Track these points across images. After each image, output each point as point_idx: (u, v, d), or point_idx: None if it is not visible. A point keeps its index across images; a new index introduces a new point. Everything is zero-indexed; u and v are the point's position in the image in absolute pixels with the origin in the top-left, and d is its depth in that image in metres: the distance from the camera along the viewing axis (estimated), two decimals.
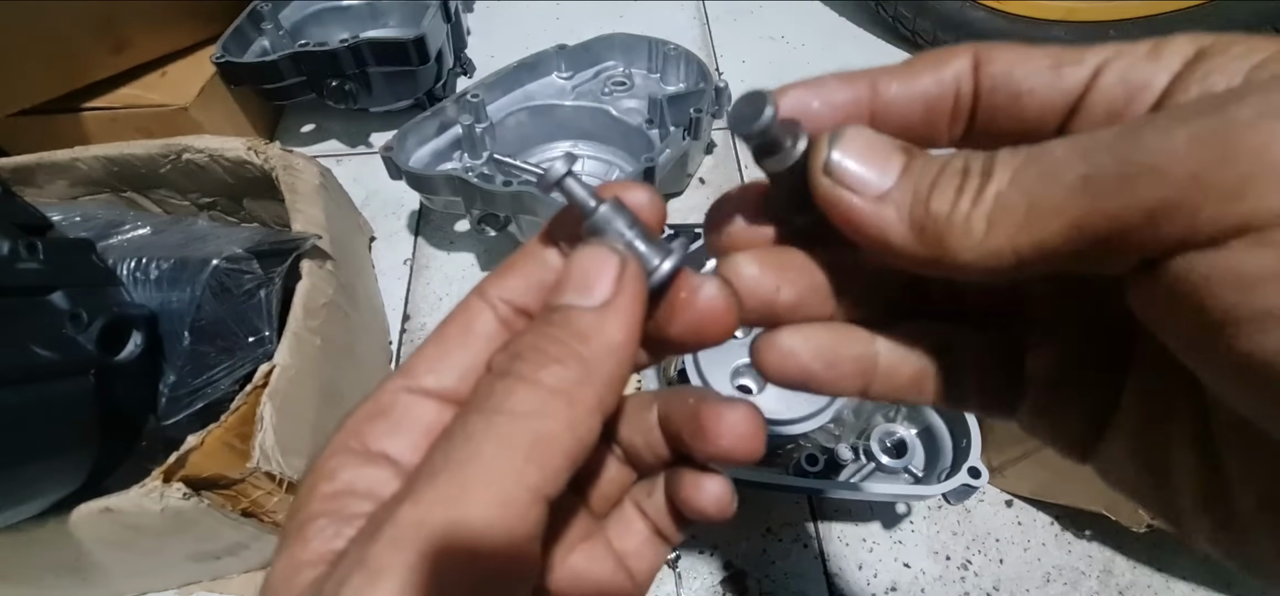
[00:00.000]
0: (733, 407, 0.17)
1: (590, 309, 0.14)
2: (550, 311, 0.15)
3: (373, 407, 0.16)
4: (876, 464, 0.47)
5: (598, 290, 0.14)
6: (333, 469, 0.15)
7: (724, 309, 0.16)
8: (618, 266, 0.15)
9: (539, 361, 0.14)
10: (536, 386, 0.13)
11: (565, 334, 0.14)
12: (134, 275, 0.47)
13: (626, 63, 0.79)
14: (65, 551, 0.43)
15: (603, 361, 0.14)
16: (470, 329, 0.16)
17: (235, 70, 0.75)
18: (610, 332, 0.14)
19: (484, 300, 0.17)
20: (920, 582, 0.51)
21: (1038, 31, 0.81)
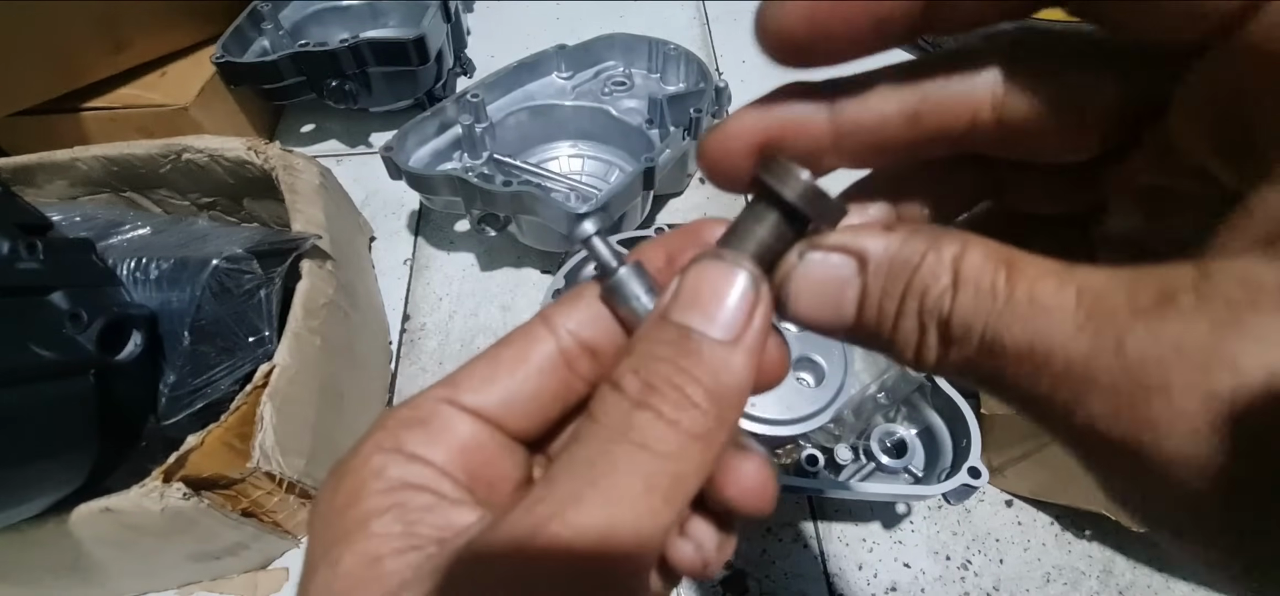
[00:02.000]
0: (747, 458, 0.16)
1: (721, 343, 0.14)
2: (679, 334, 0.14)
3: (412, 414, 0.15)
4: (876, 464, 0.47)
5: (728, 320, 0.14)
6: (379, 466, 0.15)
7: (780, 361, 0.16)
8: (751, 295, 0.14)
9: (678, 402, 0.13)
10: (676, 428, 0.13)
11: (700, 371, 0.14)
12: (134, 275, 0.47)
13: (626, 63, 0.79)
14: (65, 551, 0.43)
15: (732, 404, 0.14)
16: (527, 357, 0.16)
17: (235, 70, 0.75)
18: (740, 374, 0.14)
19: (548, 327, 0.16)
20: (920, 582, 0.51)
21: None
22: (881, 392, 0.48)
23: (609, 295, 0.16)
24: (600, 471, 0.13)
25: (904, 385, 0.48)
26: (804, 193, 0.15)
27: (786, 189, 0.15)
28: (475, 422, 0.15)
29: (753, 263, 0.15)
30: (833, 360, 0.49)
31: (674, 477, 0.13)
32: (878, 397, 0.48)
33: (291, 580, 0.52)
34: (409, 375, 0.64)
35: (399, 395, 0.62)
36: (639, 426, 0.13)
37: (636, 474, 0.13)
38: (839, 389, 0.48)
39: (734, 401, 0.14)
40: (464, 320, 0.68)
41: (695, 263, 0.15)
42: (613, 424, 0.14)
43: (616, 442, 0.13)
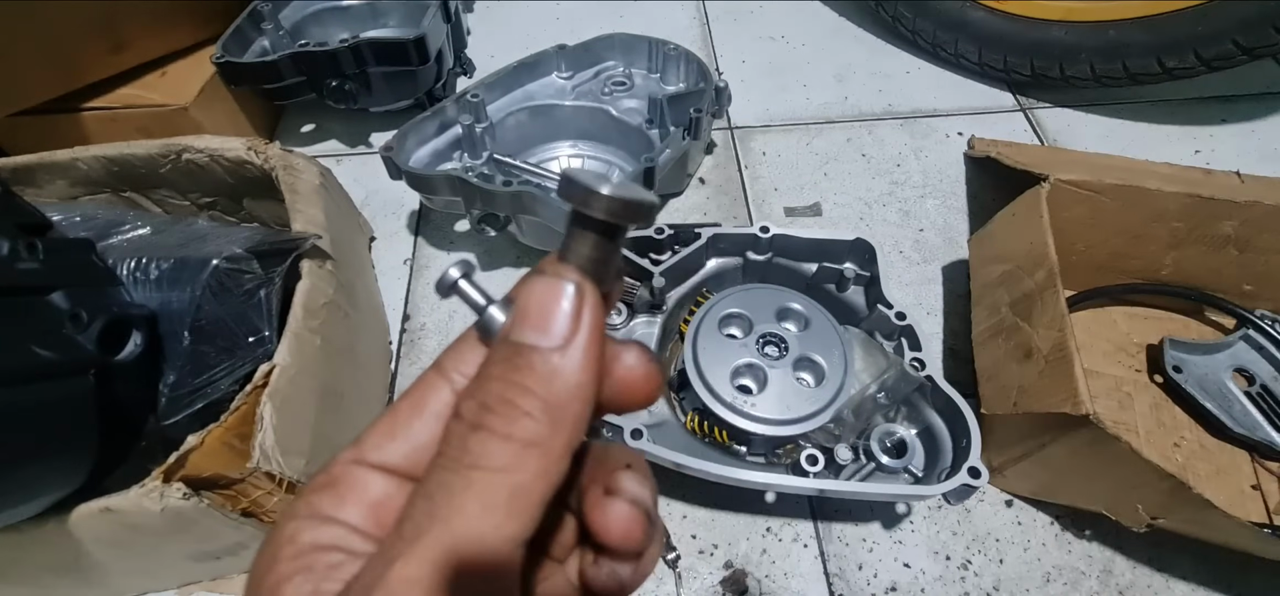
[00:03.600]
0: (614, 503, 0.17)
1: (551, 349, 0.14)
2: (511, 351, 0.15)
3: (324, 479, 0.16)
4: (876, 464, 0.47)
5: (555, 328, 0.15)
6: (292, 532, 0.15)
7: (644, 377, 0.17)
8: (574, 300, 0.15)
9: (509, 416, 0.14)
10: (509, 441, 0.14)
11: (530, 380, 0.14)
12: (134, 275, 0.47)
13: (626, 63, 0.79)
14: (65, 551, 0.43)
15: (568, 405, 0.14)
16: (424, 406, 0.17)
17: (235, 70, 0.75)
18: (573, 375, 0.14)
19: (441, 375, 0.17)
20: (920, 582, 0.51)
21: (1038, 31, 0.81)
22: (881, 392, 0.48)
23: (483, 333, 0.16)
24: (438, 501, 0.14)
25: (904, 385, 0.48)
26: (603, 206, 0.15)
27: (588, 208, 0.15)
28: (384, 477, 0.16)
29: (576, 272, 0.15)
30: (833, 360, 0.49)
31: (511, 489, 0.14)
32: (878, 397, 0.48)
33: None
34: (409, 375, 0.64)
35: (399, 395, 0.62)
36: (472, 449, 0.14)
37: (471, 493, 0.14)
38: (839, 389, 0.48)
39: (569, 402, 0.14)
40: (464, 320, 0.68)
41: (523, 281, 0.15)
42: (450, 452, 0.14)
43: (452, 469, 0.14)
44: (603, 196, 0.15)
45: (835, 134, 0.84)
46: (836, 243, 0.56)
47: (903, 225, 0.74)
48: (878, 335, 0.54)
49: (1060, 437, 0.45)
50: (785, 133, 0.85)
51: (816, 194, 0.77)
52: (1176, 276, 0.62)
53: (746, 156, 0.82)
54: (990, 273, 0.59)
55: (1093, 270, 0.63)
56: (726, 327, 0.51)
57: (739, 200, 0.77)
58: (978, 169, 0.77)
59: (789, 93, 0.90)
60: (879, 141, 0.83)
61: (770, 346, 0.50)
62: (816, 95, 0.89)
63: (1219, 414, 0.56)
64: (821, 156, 0.81)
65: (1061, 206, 0.57)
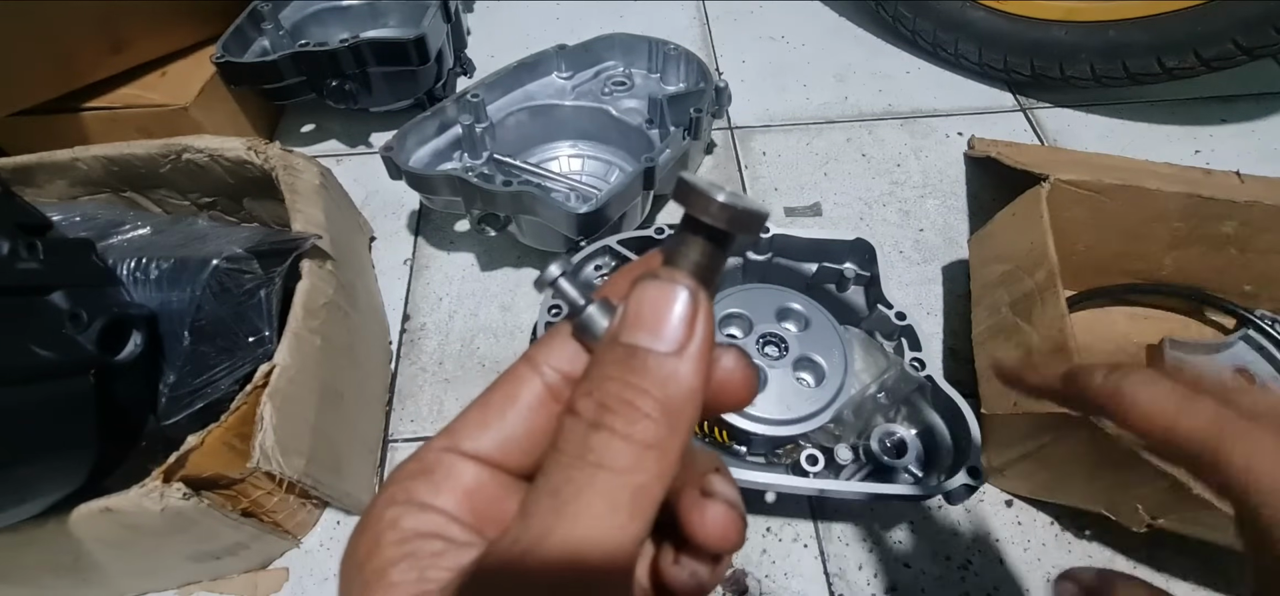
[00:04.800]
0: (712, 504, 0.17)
1: (667, 354, 0.15)
2: (627, 354, 0.15)
3: (417, 467, 0.16)
4: (876, 464, 0.47)
5: (669, 332, 0.15)
6: (393, 517, 0.15)
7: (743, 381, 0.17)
8: (689, 306, 0.15)
9: (629, 417, 0.14)
10: (629, 441, 0.14)
11: (648, 383, 0.15)
12: (134, 275, 0.47)
13: (626, 63, 0.79)
14: (65, 551, 0.43)
15: (683, 410, 0.15)
16: (516, 397, 0.17)
17: (235, 70, 0.75)
18: (688, 380, 0.15)
19: (532, 367, 0.17)
20: (920, 582, 0.51)
21: (1038, 31, 0.81)
22: (881, 392, 0.48)
23: (580, 332, 0.17)
24: (565, 498, 0.14)
25: (904, 385, 0.48)
26: (721, 214, 0.15)
27: (706, 214, 0.16)
28: (476, 466, 0.16)
29: (690, 278, 0.16)
30: (833, 360, 0.49)
31: (634, 490, 0.14)
32: (878, 397, 0.48)
33: (291, 580, 0.52)
34: (409, 375, 0.64)
35: (399, 395, 0.62)
36: (595, 447, 0.14)
37: (598, 493, 0.14)
38: (839, 389, 0.48)
39: (684, 407, 0.15)
40: (464, 320, 0.68)
41: (637, 285, 0.16)
42: (572, 449, 0.15)
43: (576, 466, 0.14)
44: (720, 204, 0.15)
45: (835, 134, 0.84)
46: (836, 243, 0.56)
47: (903, 225, 0.74)
48: (878, 335, 0.54)
49: (1060, 437, 0.45)
50: (785, 133, 0.85)
51: (816, 194, 0.77)
52: (1176, 276, 0.62)
53: (746, 156, 0.82)
54: (990, 273, 0.59)
55: (1093, 270, 0.63)
56: (726, 327, 0.51)
57: None
58: (978, 169, 0.77)
59: (789, 93, 0.90)
60: (879, 141, 0.83)
61: (770, 346, 0.50)
62: (816, 95, 0.89)
63: None
64: (821, 156, 0.81)
65: (1061, 206, 0.57)
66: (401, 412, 0.61)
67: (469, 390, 0.62)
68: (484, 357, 0.65)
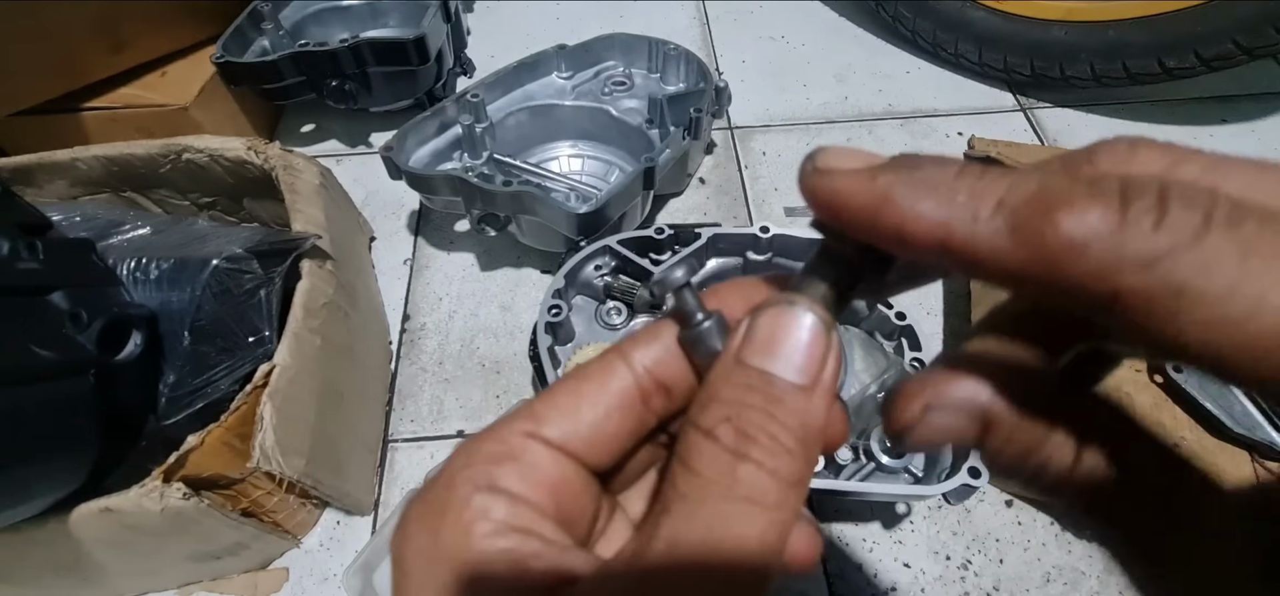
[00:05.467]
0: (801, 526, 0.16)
1: (801, 388, 0.14)
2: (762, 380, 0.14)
3: (500, 448, 0.15)
4: (876, 464, 0.47)
5: (803, 364, 0.14)
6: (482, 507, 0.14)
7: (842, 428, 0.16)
8: (823, 340, 0.15)
9: (773, 451, 0.14)
10: (776, 478, 0.14)
11: (786, 417, 0.14)
12: (134, 275, 0.47)
13: (626, 63, 0.79)
14: (65, 551, 0.43)
15: (816, 446, 0.14)
16: (607, 387, 0.16)
17: (235, 70, 0.75)
18: (820, 416, 0.14)
19: (625, 362, 0.16)
20: (920, 582, 0.51)
21: (1038, 31, 0.81)
22: (881, 392, 0.48)
23: (692, 344, 0.16)
24: (719, 534, 0.13)
25: None
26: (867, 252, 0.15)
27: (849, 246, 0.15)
28: (561, 457, 0.15)
29: (824, 308, 0.15)
30: None
31: (781, 527, 0.14)
32: (878, 397, 0.48)
33: (291, 580, 0.52)
34: (409, 375, 0.64)
35: (399, 395, 0.62)
36: (745, 481, 0.14)
37: (752, 529, 0.13)
38: (839, 389, 0.48)
39: (816, 444, 0.14)
40: (464, 320, 0.68)
41: (767, 307, 0.15)
42: (718, 478, 0.14)
43: (729, 500, 0.14)
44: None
45: (835, 134, 0.84)
46: None
47: None
48: (878, 335, 0.54)
49: None
50: (785, 133, 0.85)
51: None
52: None
53: (746, 156, 0.82)
54: None
55: None
56: None
57: (739, 200, 0.77)
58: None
59: (789, 93, 0.90)
60: (879, 141, 0.83)
61: None
62: (816, 95, 0.89)
63: (1219, 414, 0.56)
64: None
65: None
66: (401, 412, 0.61)
67: (469, 390, 0.62)
68: (484, 357, 0.65)
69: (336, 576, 0.52)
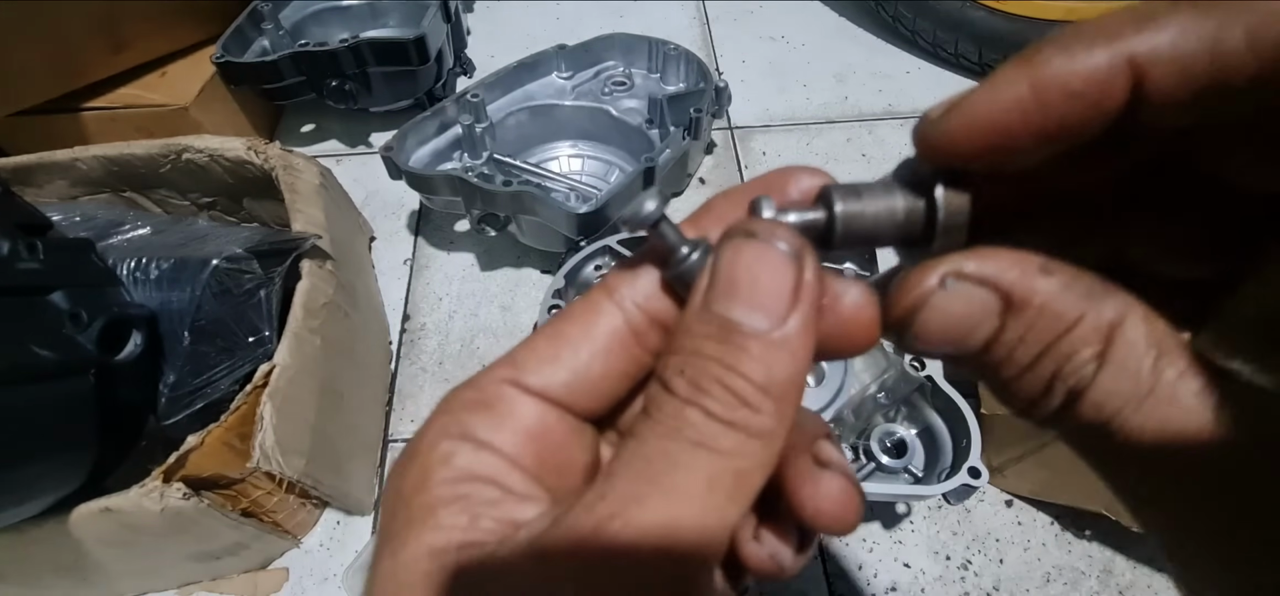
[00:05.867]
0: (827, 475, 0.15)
1: (768, 332, 0.13)
2: (720, 330, 0.13)
3: (476, 396, 0.15)
4: (876, 464, 0.47)
5: (769, 304, 0.13)
6: (445, 453, 0.14)
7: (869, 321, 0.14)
8: (792, 275, 0.13)
9: (729, 402, 0.13)
10: (732, 427, 0.13)
11: (747, 366, 0.13)
12: (134, 275, 0.47)
13: (626, 63, 0.79)
14: (65, 551, 0.43)
15: (789, 391, 0.13)
16: (592, 332, 0.15)
17: (235, 70, 0.75)
18: (791, 360, 0.13)
19: (612, 300, 0.15)
20: (920, 582, 0.51)
21: (1038, 32, 0.81)
22: (881, 392, 0.48)
23: (677, 283, 0.15)
24: (660, 469, 0.13)
25: (904, 385, 0.48)
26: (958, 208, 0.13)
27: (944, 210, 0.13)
28: (541, 405, 0.15)
29: (792, 234, 0.13)
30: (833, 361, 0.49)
31: (736, 474, 0.13)
32: (878, 397, 0.48)
33: (291, 580, 0.52)
34: (409, 375, 0.64)
35: (399, 395, 0.62)
36: (695, 423, 0.13)
37: (698, 471, 0.13)
38: (839, 389, 0.48)
39: (789, 389, 0.13)
40: (464, 320, 0.68)
41: (727, 240, 0.14)
42: (668, 421, 0.13)
43: (674, 439, 0.13)
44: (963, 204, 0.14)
45: (835, 134, 0.84)
46: None
47: None
48: None
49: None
50: (785, 133, 0.85)
51: None
52: None
53: (746, 156, 0.82)
54: None
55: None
56: None
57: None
58: None
59: (789, 93, 0.90)
60: (879, 141, 0.83)
61: None
62: (816, 95, 0.89)
63: None
64: (821, 156, 0.81)
65: None
66: (401, 412, 0.61)
67: None
68: (484, 357, 0.65)
69: (336, 576, 0.52)
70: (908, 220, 0.14)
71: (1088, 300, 0.12)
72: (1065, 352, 0.12)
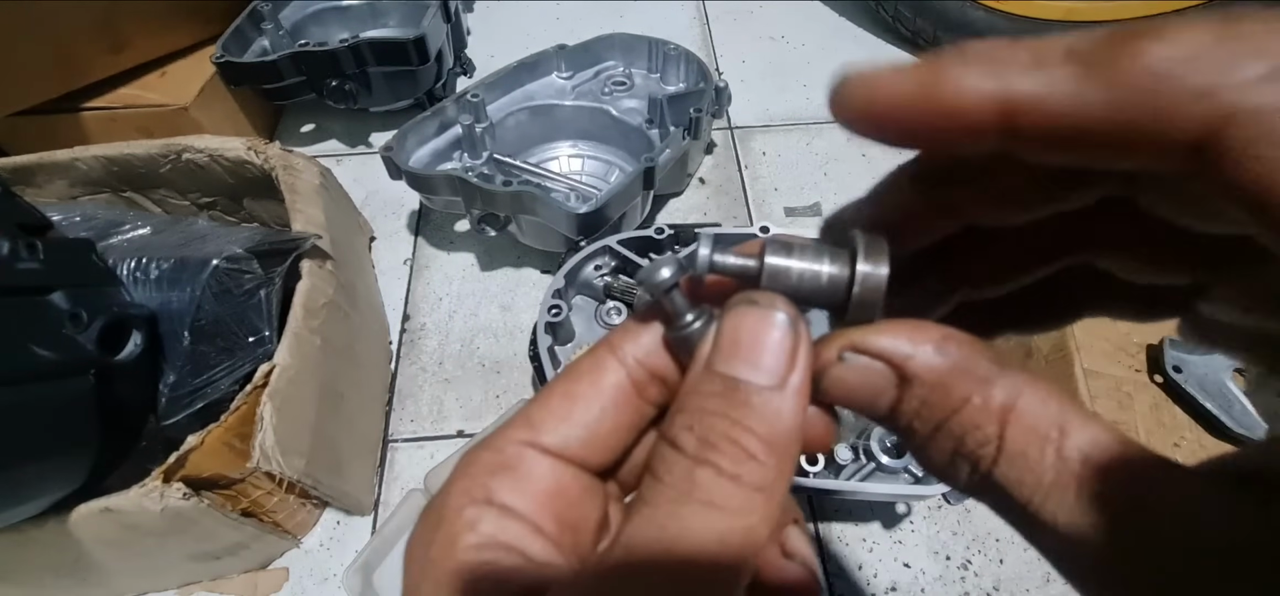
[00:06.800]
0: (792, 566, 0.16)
1: (770, 390, 0.14)
2: (727, 386, 0.14)
3: (497, 460, 0.15)
4: (876, 464, 0.47)
5: (772, 365, 0.14)
6: (472, 519, 0.15)
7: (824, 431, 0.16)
8: (790, 340, 0.14)
9: (736, 457, 0.13)
10: (738, 482, 0.13)
11: (752, 419, 0.14)
12: (134, 275, 0.47)
13: (626, 63, 0.79)
14: (65, 551, 0.43)
15: (789, 448, 0.14)
16: (601, 385, 0.16)
17: (235, 70, 0.75)
18: (790, 418, 0.14)
19: (616, 356, 0.16)
20: (920, 582, 0.51)
21: (1038, 32, 0.81)
22: None
23: (677, 346, 0.16)
24: (672, 534, 0.13)
25: None
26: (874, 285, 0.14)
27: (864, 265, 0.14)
28: (558, 464, 0.15)
29: (789, 305, 0.14)
30: None
31: (744, 533, 0.13)
32: None
33: (291, 580, 0.52)
34: (409, 375, 0.64)
35: (399, 395, 0.62)
36: (703, 484, 0.13)
37: (710, 532, 0.13)
38: None
39: (789, 447, 0.14)
40: (464, 320, 0.68)
41: (730, 308, 0.15)
42: (677, 483, 0.14)
43: (684, 503, 0.13)
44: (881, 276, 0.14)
45: (835, 134, 0.84)
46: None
47: None
48: None
49: None
50: (785, 133, 0.85)
51: (816, 194, 0.77)
52: None
53: (746, 156, 0.82)
54: None
55: None
56: None
57: (739, 200, 0.77)
58: None
59: (789, 93, 0.90)
60: None
61: None
62: (816, 95, 0.89)
63: (1219, 414, 0.56)
64: (821, 156, 0.81)
65: None
66: (401, 412, 0.61)
67: (469, 390, 0.62)
68: (484, 357, 0.65)
69: (336, 576, 0.52)
70: (830, 287, 0.15)
71: (976, 381, 0.13)
72: (957, 432, 0.13)
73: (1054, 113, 0.11)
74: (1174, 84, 0.10)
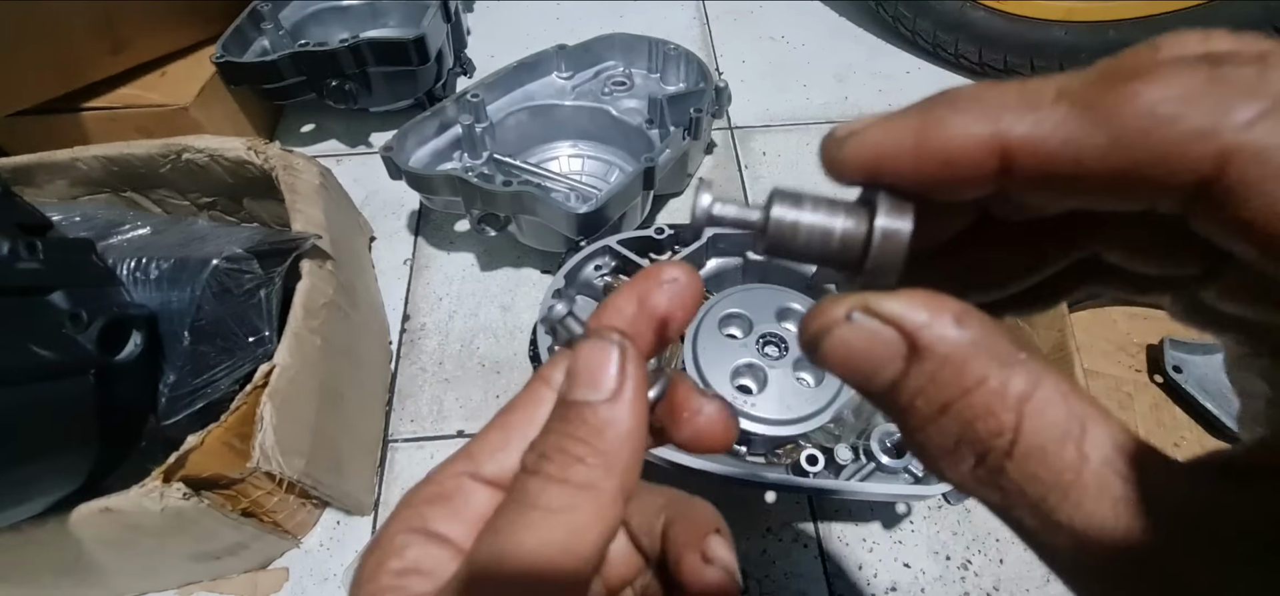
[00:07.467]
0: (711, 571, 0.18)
1: (601, 401, 0.15)
2: (566, 408, 0.16)
3: (436, 491, 0.17)
4: (876, 464, 0.47)
5: (603, 382, 0.15)
6: (400, 545, 0.16)
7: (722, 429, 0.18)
8: (618, 357, 0.16)
9: (564, 462, 0.15)
10: (564, 484, 0.15)
11: (583, 430, 0.15)
12: (134, 275, 0.47)
13: (626, 63, 0.79)
14: (65, 551, 0.43)
15: (619, 450, 0.15)
16: (534, 414, 0.17)
17: (235, 70, 0.75)
18: (621, 422, 0.15)
19: (548, 386, 0.17)
20: (920, 582, 0.51)
21: (1038, 31, 0.81)
22: None
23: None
24: (503, 539, 0.14)
25: None
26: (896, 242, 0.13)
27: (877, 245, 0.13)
28: (495, 493, 0.16)
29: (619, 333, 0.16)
30: None
31: (569, 528, 0.14)
32: None
33: (291, 580, 0.52)
34: (409, 375, 0.64)
35: (399, 395, 0.62)
36: (532, 492, 0.15)
37: (532, 532, 0.14)
38: (839, 388, 0.48)
39: (619, 447, 0.15)
40: (464, 320, 0.68)
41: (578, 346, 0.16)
42: (514, 498, 0.15)
43: (518, 513, 0.15)
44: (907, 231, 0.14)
45: None
46: None
47: None
48: None
49: None
50: (785, 133, 0.85)
51: None
52: None
53: (746, 156, 0.82)
54: None
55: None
56: (726, 327, 0.51)
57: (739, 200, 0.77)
58: None
59: (789, 93, 0.90)
60: None
61: (770, 346, 0.50)
62: (816, 95, 0.89)
63: (1219, 414, 0.56)
64: None
65: None
66: (401, 412, 0.61)
67: (469, 390, 0.62)
68: (484, 357, 0.65)
69: (336, 576, 0.52)
70: (843, 246, 0.14)
71: (995, 363, 0.12)
72: (966, 416, 0.12)
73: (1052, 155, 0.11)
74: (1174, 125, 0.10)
